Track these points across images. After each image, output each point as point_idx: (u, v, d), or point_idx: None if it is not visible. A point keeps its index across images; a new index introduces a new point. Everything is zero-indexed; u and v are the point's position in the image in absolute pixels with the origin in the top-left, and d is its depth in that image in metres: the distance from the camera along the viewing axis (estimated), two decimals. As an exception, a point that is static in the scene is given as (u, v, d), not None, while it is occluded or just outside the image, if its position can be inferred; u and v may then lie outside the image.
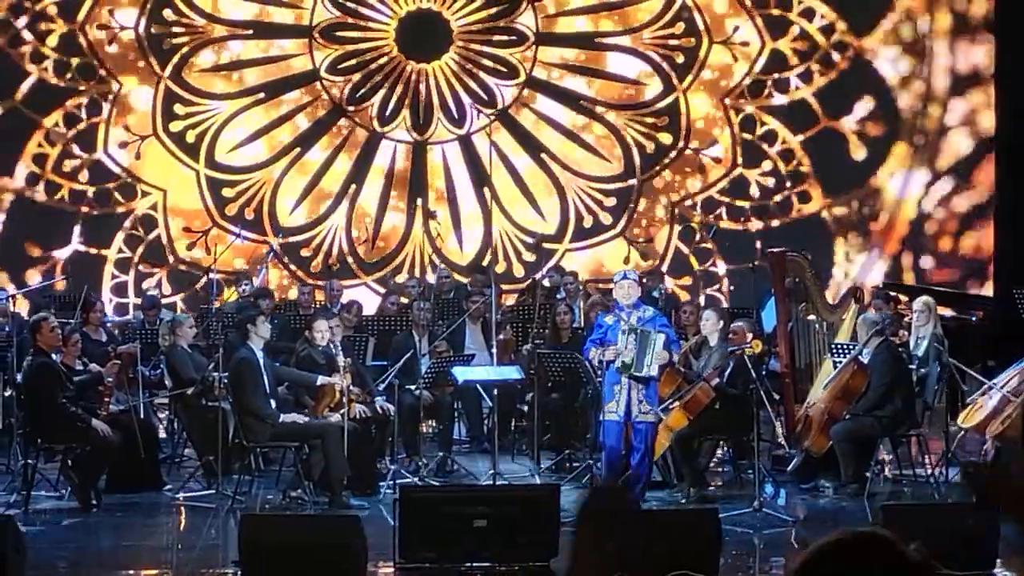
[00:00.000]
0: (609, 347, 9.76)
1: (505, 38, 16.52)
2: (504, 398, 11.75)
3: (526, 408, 11.92)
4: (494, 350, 11.37)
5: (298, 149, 16.49)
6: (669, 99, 16.49)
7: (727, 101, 16.51)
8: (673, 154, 16.52)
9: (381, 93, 16.44)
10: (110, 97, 16.23)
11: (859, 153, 16.44)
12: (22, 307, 14.33)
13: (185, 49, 16.29)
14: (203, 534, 9.58)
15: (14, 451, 10.93)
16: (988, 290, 15.98)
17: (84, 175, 16.25)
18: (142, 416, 11.07)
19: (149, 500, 10.53)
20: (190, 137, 16.36)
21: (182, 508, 10.37)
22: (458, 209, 16.48)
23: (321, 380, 10.50)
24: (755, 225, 16.34)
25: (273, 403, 10.35)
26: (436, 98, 16.45)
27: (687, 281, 16.37)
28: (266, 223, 16.39)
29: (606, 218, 16.56)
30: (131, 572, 8.93)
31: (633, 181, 16.52)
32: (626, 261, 16.01)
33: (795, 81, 16.48)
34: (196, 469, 11.27)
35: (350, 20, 16.42)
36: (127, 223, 16.24)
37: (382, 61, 16.43)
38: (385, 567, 8.15)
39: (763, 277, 12.58)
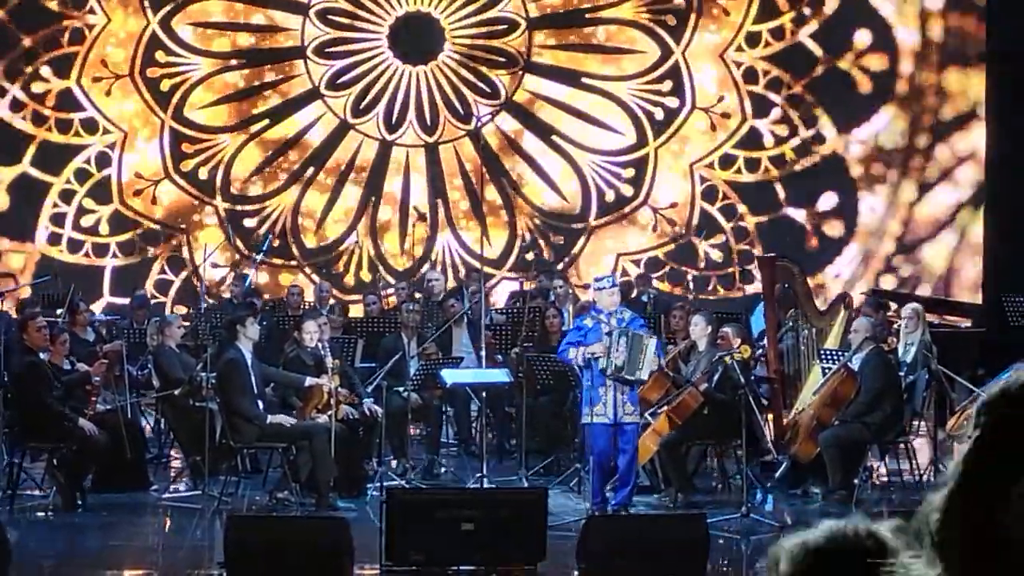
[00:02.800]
0: (595, 345, 9.72)
1: (495, 58, 16.49)
2: (492, 401, 11.73)
3: (514, 412, 11.91)
4: (483, 353, 11.35)
5: (267, 121, 16.46)
6: (639, 152, 16.46)
7: (695, 167, 16.49)
8: (629, 208, 16.47)
9: (363, 87, 16.46)
10: (95, 30, 16.18)
11: (812, 243, 16.37)
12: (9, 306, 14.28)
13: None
14: (189, 535, 9.56)
15: (0, 450, 10.90)
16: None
17: (51, 100, 16.19)
18: (129, 416, 11.04)
19: (135, 500, 10.50)
20: (164, 86, 16.30)
21: (168, 509, 10.35)
22: (407, 214, 16.45)
23: (309, 382, 10.48)
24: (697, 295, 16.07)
25: (261, 404, 10.33)
26: (412, 101, 16.42)
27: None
28: (216, 186, 16.33)
29: (548, 254, 16.43)
30: (116, 572, 8.91)
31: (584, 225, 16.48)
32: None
33: (765, 161, 16.44)
34: (182, 470, 11.24)
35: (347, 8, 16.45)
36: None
37: (372, 57, 16.43)
38: (371, 569, 8.13)
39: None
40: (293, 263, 16.19)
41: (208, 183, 16.34)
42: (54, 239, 16.15)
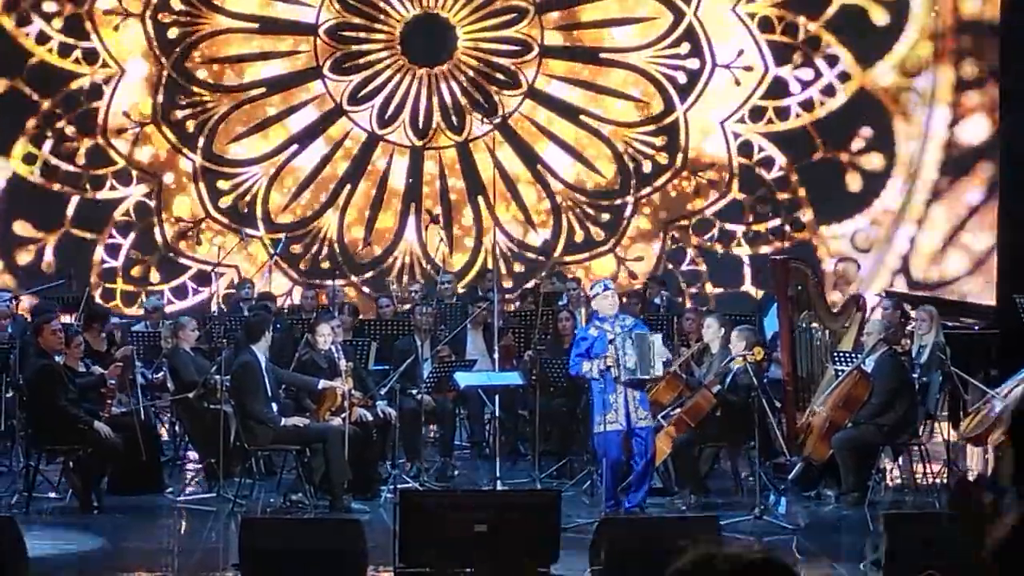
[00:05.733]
0: (606, 355, 9.74)
1: (500, 76, 16.46)
2: (505, 404, 11.75)
3: (527, 414, 11.93)
4: (496, 355, 11.37)
5: (263, 89, 16.44)
6: (621, 199, 16.40)
7: (670, 227, 16.44)
8: (598, 249, 16.37)
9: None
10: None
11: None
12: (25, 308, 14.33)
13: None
14: (204, 537, 9.59)
15: (16, 452, 10.94)
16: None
17: (58, 23, 16.19)
18: (144, 419, 11.07)
19: (150, 503, 10.54)
20: (172, 33, 16.29)
21: (183, 511, 10.38)
22: (376, 218, 16.43)
23: (323, 384, 10.51)
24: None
25: (275, 407, 10.36)
26: (409, 101, 16.39)
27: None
28: (199, 144, 16.29)
29: (508, 283, 16.30)
30: (131, 574, 8.94)
31: (545, 259, 16.34)
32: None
33: (739, 234, 16.35)
34: (197, 472, 11.28)
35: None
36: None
37: (381, 49, 16.43)
38: (385, 572, 8.15)
39: (767, 285, 12.61)
40: (258, 234, 16.23)
41: (191, 137, 16.31)
42: (30, 159, 16.17)
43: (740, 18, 16.30)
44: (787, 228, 16.23)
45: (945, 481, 10.86)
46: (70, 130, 16.22)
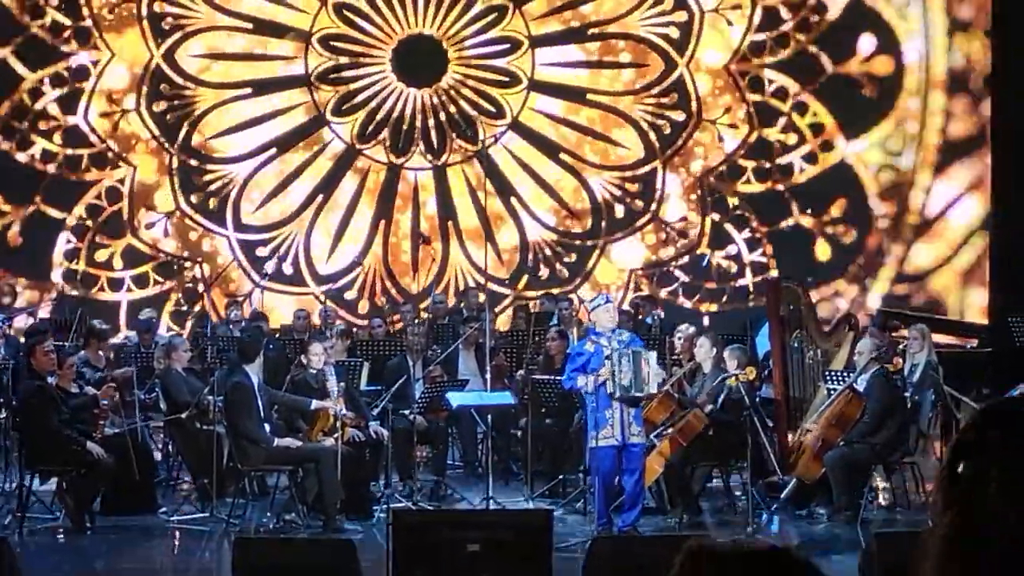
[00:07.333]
0: (601, 370, 9.76)
1: (486, 106, 16.50)
2: (498, 423, 11.76)
3: (519, 434, 11.94)
4: (488, 375, 11.39)
5: (249, 90, 16.47)
6: (591, 241, 16.46)
7: (638, 271, 16.50)
8: (572, 284, 16.40)
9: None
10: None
11: None
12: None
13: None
14: (197, 557, 9.60)
15: (9, 473, 10.94)
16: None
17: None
18: (137, 439, 11.08)
19: (143, 523, 10.53)
20: (165, 23, 16.33)
21: (176, 531, 10.38)
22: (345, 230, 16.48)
23: (315, 404, 10.52)
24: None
25: (268, 427, 10.37)
26: (391, 119, 16.41)
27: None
28: (178, 136, 16.30)
29: (475, 295, 16.34)
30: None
31: (510, 289, 16.37)
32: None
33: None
34: (190, 492, 11.28)
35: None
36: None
37: (371, 64, 16.47)
38: (378, 591, 8.15)
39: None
40: (225, 232, 16.33)
41: (173, 129, 16.31)
42: (8, 133, 16.18)
43: (732, 75, 16.35)
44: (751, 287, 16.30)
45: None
46: (52, 108, 16.20)
